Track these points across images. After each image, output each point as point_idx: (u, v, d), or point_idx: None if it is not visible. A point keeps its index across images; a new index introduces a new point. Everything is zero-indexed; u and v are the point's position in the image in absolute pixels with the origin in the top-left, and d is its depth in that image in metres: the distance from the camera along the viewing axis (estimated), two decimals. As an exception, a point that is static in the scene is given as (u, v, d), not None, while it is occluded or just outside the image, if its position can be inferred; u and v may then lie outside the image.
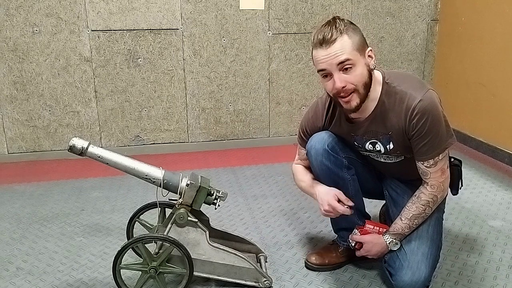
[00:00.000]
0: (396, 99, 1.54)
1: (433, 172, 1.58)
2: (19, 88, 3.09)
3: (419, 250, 1.61)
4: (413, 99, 1.50)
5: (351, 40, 1.46)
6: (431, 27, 3.57)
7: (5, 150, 3.19)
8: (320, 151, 1.67)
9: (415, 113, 1.50)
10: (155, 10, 3.12)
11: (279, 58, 3.37)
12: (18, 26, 2.99)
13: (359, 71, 1.48)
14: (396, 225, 1.65)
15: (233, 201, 2.48)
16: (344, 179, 1.71)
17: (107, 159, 1.62)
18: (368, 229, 1.70)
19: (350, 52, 1.46)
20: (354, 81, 1.48)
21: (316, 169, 1.72)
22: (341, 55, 1.45)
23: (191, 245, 1.63)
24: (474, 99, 3.19)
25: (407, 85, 1.54)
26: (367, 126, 1.62)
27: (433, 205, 1.63)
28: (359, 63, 1.48)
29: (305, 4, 3.30)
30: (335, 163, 1.68)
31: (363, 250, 1.70)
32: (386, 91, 1.56)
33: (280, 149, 3.31)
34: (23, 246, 2.05)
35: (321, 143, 1.67)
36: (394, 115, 1.55)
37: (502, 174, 2.82)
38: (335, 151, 1.67)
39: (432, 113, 1.50)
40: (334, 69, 1.47)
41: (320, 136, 1.69)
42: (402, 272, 1.59)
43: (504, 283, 1.75)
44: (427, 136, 1.52)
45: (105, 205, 2.46)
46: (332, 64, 1.46)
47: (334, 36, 1.45)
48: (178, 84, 3.28)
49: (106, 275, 1.82)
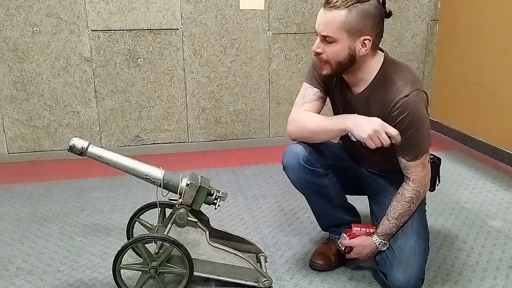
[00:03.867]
0: (386, 85, 1.55)
1: (414, 167, 1.59)
2: (19, 88, 3.09)
3: (406, 246, 1.63)
4: (399, 92, 1.51)
5: (347, 18, 1.45)
6: (431, 27, 3.57)
7: (5, 150, 3.19)
8: (296, 166, 1.68)
9: (397, 107, 1.51)
10: (155, 10, 3.12)
11: (279, 58, 3.37)
12: (18, 26, 2.99)
13: (336, 49, 1.50)
14: (384, 225, 1.66)
15: (233, 201, 2.48)
16: (324, 185, 1.73)
17: (107, 159, 1.62)
18: (355, 232, 1.73)
19: (335, 30, 1.47)
20: (328, 54, 1.52)
21: (295, 183, 1.74)
22: (326, 29, 1.48)
23: (191, 245, 1.63)
24: (474, 99, 3.20)
25: (401, 75, 1.55)
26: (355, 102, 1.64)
27: (417, 201, 1.64)
28: (341, 43, 1.49)
29: (305, 4, 3.30)
30: (312, 174, 1.69)
31: (353, 253, 1.73)
32: (382, 75, 1.57)
33: (280, 149, 3.28)
34: (23, 246, 2.05)
35: (296, 159, 1.67)
36: (379, 100, 1.56)
37: (502, 174, 2.82)
38: (310, 163, 1.67)
39: (414, 110, 1.51)
40: (319, 35, 1.52)
41: (294, 151, 1.69)
42: (393, 270, 1.62)
43: (504, 283, 1.75)
44: (407, 131, 1.52)
45: (105, 205, 2.46)
46: (318, 30, 1.51)
47: (336, 4, 1.45)
48: (178, 84, 3.28)
49: (106, 275, 1.82)
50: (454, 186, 2.64)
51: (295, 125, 1.70)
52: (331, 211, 1.81)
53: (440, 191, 2.57)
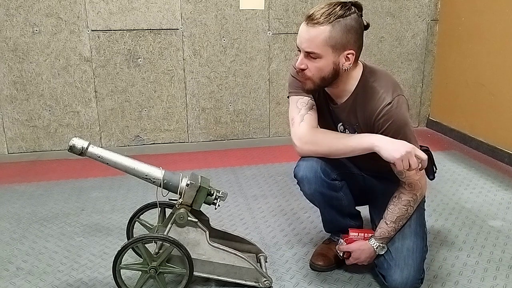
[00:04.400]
0: (368, 94, 1.55)
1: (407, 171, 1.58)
2: (19, 88, 3.09)
3: (403, 247, 1.63)
4: (382, 100, 1.52)
5: (331, 34, 1.45)
6: (431, 27, 3.57)
7: (5, 150, 3.19)
8: (313, 179, 1.62)
9: (382, 115, 1.51)
10: (155, 10, 3.12)
11: (279, 58, 3.37)
12: (18, 26, 2.99)
13: (321, 65, 1.49)
14: (381, 229, 1.66)
15: (233, 201, 2.48)
16: (338, 198, 1.72)
17: (107, 159, 1.62)
18: (353, 237, 1.72)
19: (320, 46, 1.46)
20: (312, 70, 1.51)
21: (310, 196, 1.70)
22: (310, 45, 1.47)
23: (191, 245, 1.63)
24: (473, 99, 3.20)
25: (382, 83, 1.55)
26: (339, 112, 1.64)
27: (414, 204, 1.64)
28: (326, 58, 1.48)
29: (305, 4, 3.30)
30: (329, 187, 1.66)
31: (352, 258, 1.72)
32: (363, 84, 1.57)
33: (280, 149, 3.31)
34: (23, 246, 2.05)
35: (313, 171, 1.62)
36: (363, 110, 1.57)
37: (502, 174, 2.82)
38: (327, 175, 1.64)
39: (398, 117, 1.52)
40: (302, 51, 1.51)
41: (310, 164, 1.63)
42: (391, 272, 1.62)
43: (504, 283, 1.75)
44: (394, 138, 1.51)
45: (105, 205, 2.46)
46: (301, 47, 1.51)
47: (319, 21, 1.45)
48: (178, 84, 3.28)
49: (106, 275, 1.82)
50: (454, 186, 2.64)
51: (309, 146, 1.61)
52: (340, 220, 1.81)
53: (440, 191, 2.57)
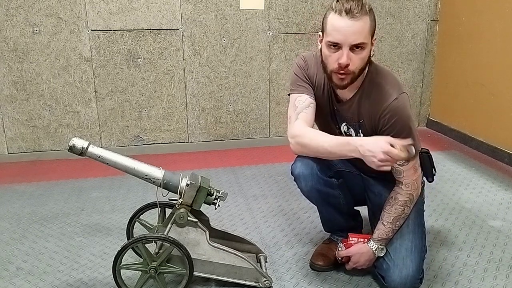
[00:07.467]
0: (373, 91, 1.56)
1: (406, 171, 1.59)
2: (19, 88, 3.09)
3: (402, 247, 1.64)
4: (388, 96, 1.53)
5: (370, 23, 1.47)
6: (431, 27, 3.57)
7: (5, 150, 3.19)
8: (310, 176, 1.64)
9: (388, 111, 1.52)
10: (155, 10, 3.12)
11: (279, 58, 3.37)
12: (18, 26, 2.99)
13: (364, 55, 1.49)
14: (379, 231, 1.66)
15: (233, 201, 2.48)
16: (335, 196, 1.73)
17: (107, 159, 1.62)
18: (352, 241, 1.73)
19: (367, 36, 1.47)
20: (356, 63, 1.48)
21: (307, 193, 1.71)
22: (360, 37, 1.45)
23: (191, 245, 1.63)
24: (474, 99, 3.20)
25: (388, 80, 1.57)
26: (343, 110, 1.64)
27: (411, 204, 1.64)
28: (367, 48, 1.49)
29: (305, 4, 3.30)
30: (325, 184, 1.67)
31: (351, 262, 1.72)
32: (369, 80, 1.58)
33: (280, 149, 3.31)
34: (23, 246, 2.05)
35: (309, 168, 1.63)
36: (368, 106, 1.57)
37: (502, 174, 2.82)
38: (324, 172, 1.65)
39: (403, 114, 1.53)
40: (346, 46, 1.46)
41: (306, 161, 1.64)
42: (390, 272, 1.62)
43: (504, 283, 1.75)
44: (399, 135, 1.50)
45: (105, 205, 2.46)
46: (347, 41, 1.45)
47: (360, 13, 1.44)
48: (178, 84, 3.28)
49: (106, 275, 1.82)
50: (454, 186, 2.64)
51: (299, 146, 1.58)
52: (338, 219, 1.82)
53: (440, 191, 2.57)
